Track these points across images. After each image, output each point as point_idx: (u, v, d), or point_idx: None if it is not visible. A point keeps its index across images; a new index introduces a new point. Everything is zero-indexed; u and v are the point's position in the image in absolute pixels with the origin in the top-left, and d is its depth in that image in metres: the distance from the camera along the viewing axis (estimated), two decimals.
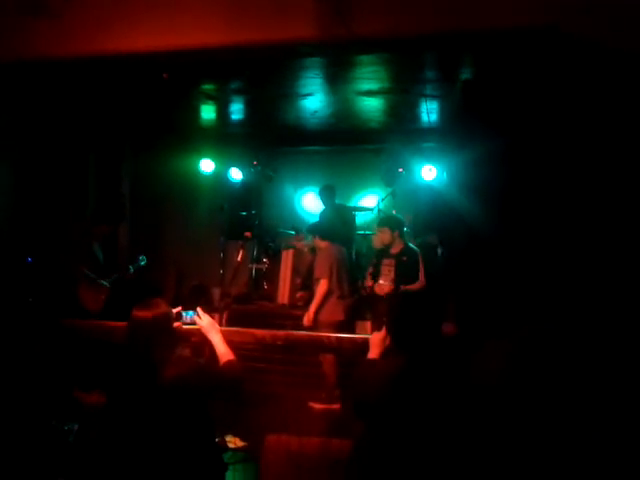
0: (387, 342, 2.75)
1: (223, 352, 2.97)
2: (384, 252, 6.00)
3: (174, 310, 2.95)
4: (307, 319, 5.97)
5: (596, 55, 3.65)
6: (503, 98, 4.54)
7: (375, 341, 2.81)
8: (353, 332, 6.05)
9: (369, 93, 5.88)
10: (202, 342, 3.21)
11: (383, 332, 2.78)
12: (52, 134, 6.61)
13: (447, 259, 6.24)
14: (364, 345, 2.93)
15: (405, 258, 5.85)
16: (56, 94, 5.57)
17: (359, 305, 6.74)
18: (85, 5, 4.20)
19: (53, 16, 4.18)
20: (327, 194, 7.88)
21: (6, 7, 4.34)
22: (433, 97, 5.97)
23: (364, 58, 4.56)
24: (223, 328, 3.24)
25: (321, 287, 6.03)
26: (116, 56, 4.22)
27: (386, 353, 2.72)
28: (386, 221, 6.18)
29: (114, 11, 4.18)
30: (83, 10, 4.19)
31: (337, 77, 5.44)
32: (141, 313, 2.77)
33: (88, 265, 5.96)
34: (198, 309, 3.15)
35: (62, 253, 6.19)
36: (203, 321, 3.11)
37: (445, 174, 7.25)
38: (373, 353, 2.80)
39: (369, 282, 6.07)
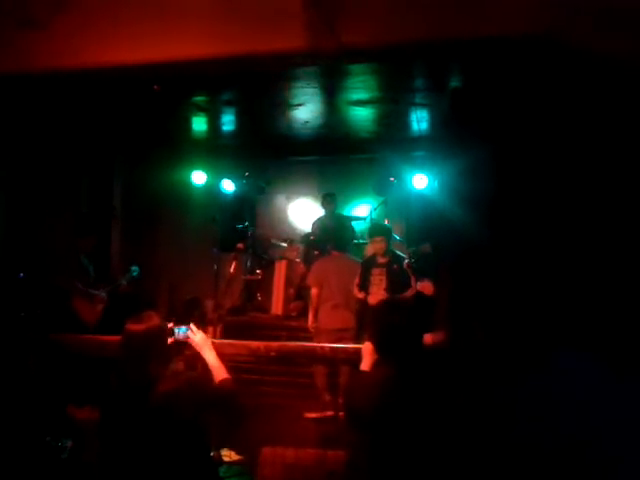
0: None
1: (218, 370, 2.94)
2: (372, 262, 5.99)
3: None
4: (309, 325, 6.25)
5: (586, 62, 3.67)
6: (493, 106, 4.55)
7: (367, 351, 2.79)
8: (361, 341, 6.04)
9: (359, 103, 5.89)
10: (195, 355, 3.19)
11: None
12: (42, 148, 6.59)
13: (439, 266, 6.22)
14: (357, 355, 2.92)
15: (396, 266, 5.84)
16: (45, 107, 5.56)
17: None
18: (73, 18, 4.18)
19: (41, 29, 4.17)
20: (329, 202, 7.97)
21: None
22: (423, 106, 5.99)
23: (354, 68, 4.57)
24: (217, 340, 3.22)
25: (311, 295, 6.32)
26: (105, 68, 4.21)
27: (377, 363, 2.71)
28: (380, 230, 6.16)
29: (103, 24, 4.16)
30: (71, 23, 4.18)
31: (328, 87, 5.45)
32: (134, 326, 2.74)
33: (78, 278, 5.93)
34: (191, 325, 3.12)
35: (52, 267, 6.15)
36: (197, 337, 3.08)
37: (436, 182, 7.27)
38: (365, 363, 2.79)
39: (359, 293, 6.03)
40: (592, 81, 3.87)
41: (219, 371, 2.93)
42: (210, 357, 3.01)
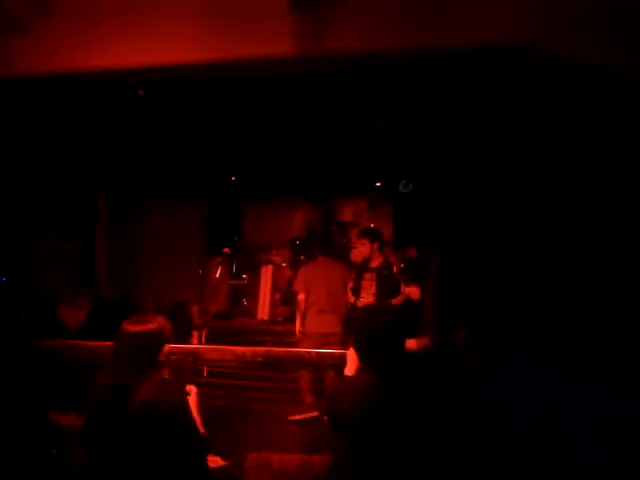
0: None
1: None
2: (364, 267, 6.01)
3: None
4: (297, 331, 6.23)
5: (563, 70, 3.70)
6: (478, 111, 4.58)
7: (351, 356, 2.79)
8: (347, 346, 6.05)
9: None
10: (180, 360, 3.17)
11: None
12: (25, 151, 6.55)
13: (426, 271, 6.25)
14: (344, 360, 2.92)
15: (386, 272, 5.85)
16: (29, 112, 5.52)
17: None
18: (58, 22, 4.16)
19: (25, 32, 4.15)
20: (319, 206, 8.04)
21: None
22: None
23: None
24: (203, 346, 3.20)
25: (298, 300, 6.31)
26: (90, 72, 4.19)
27: (359, 369, 2.70)
28: (365, 232, 6.21)
29: (88, 28, 4.15)
30: (56, 27, 4.16)
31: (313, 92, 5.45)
32: (130, 327, 2.69)
33: (64, 283, 5.89)
34: (191, 388, 2.95)
35: (35, 272, 6.11)
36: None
37: (423, 186, 7.29)
38: (349, 368, 2.79)
39: (350, 298, 6.05)
40: (571, 89, 3.91)
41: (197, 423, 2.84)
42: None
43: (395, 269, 5.89)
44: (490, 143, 4.52)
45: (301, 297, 6.24)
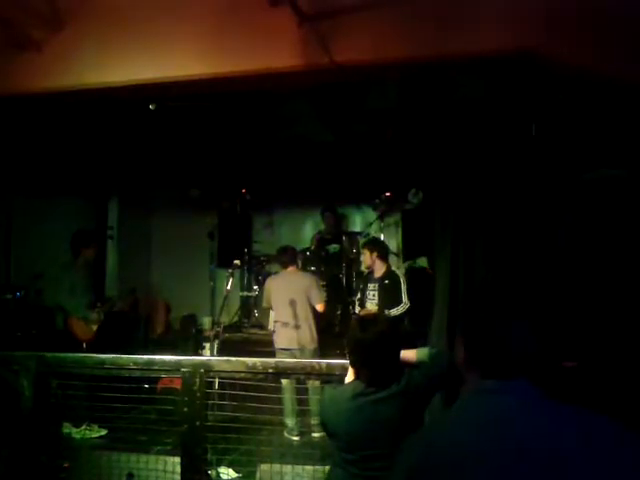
0: None
1: None
2: (369, 277, 6.00)
3: None
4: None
5: (563, 77, 3.70)
6: (487, 119, 4.58)
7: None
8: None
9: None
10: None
11: None
12: (36, 167, 6.60)
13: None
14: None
15: (387, 282, 5.80)
16: (39, 127, 5.58)
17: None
18: (68, 39, 4.20)
19: (34, 50, 4.18)
20: (327, 215, 8.11)
21: None
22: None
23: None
24: (214, 358, 3.20)
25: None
26: (99, 88, 4.22)
27: (355, 378, 2.72)
28: (365, 243, 6.22)
29: (97, 44, 4.17)
30: (66, 44, 4.19)
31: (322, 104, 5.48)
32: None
33: (75, 296, 5.90)
34: None
35: (49, 285, 6.15)
36: None
37: (432, 196, 7.29)
38: (349, 377, 2.83)
39: (357, 308, 6.04)
40: (573, 96, 3.91)
41: None
42: None
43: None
44: (500, 151, 4.51)
45: (272, 312, 6.16)
